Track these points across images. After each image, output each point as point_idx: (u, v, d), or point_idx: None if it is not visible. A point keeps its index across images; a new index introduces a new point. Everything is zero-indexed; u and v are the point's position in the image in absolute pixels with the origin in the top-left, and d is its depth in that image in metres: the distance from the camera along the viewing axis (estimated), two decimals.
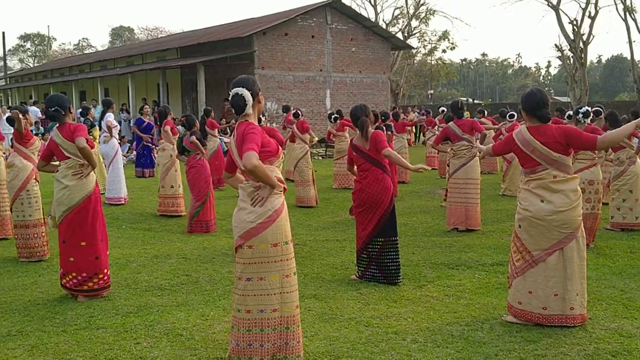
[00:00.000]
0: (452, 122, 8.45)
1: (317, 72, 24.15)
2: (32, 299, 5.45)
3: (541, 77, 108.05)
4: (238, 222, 3.82)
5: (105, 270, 5.42)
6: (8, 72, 44.52)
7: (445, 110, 15.36)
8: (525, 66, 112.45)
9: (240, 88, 3.81)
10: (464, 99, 64.92)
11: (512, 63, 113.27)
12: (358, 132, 6.03)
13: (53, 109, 5.36)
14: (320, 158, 20.67)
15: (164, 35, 56.66)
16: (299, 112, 11.66)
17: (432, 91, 61.15)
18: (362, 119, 5.91)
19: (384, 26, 35.93)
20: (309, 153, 10.84)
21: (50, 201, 6.02)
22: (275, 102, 22.42)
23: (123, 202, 10.86)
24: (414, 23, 42.10)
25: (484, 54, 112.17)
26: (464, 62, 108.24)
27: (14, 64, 78.19)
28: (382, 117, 12.04)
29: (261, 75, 22.54)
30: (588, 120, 7.34)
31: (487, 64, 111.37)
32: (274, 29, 22.75)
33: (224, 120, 18.72)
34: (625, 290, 5.52)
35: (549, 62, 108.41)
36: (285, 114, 14.30)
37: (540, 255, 4.55)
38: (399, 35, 38.60)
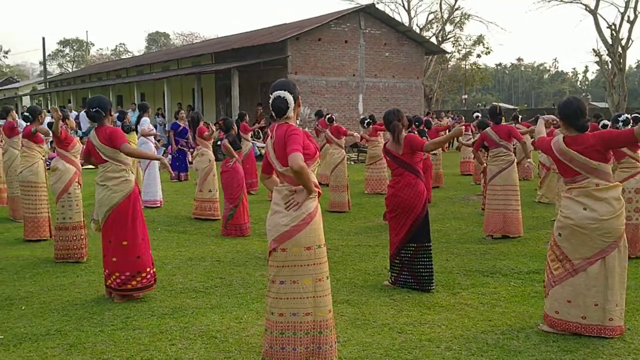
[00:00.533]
0: (489, 127, 8.35)
1: (349, 77, 24.15)
2: (70, 299, 5.56)
3: (578, 83, 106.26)
4: (272, 225, 3.84)
5: (148, 269, 5.48)
6: (48, 77, 45.60)
7: (480, 115, 15.18)
8: (561, 71, 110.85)
9: (282, 91, 3.84)
10: (504, 105, 64.32)
11: (548, 68, 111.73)
12: (390, 136, 6.01)
13: (94, 109, 5.47)
14: (352, 163, 20.64)
15: (199, 40, 57.41)
16: (333, 117, 11.67)
17: (466, 96, 60.61)
18: (394, 124, 5.89)
19: (417, 31, 35.75)
20: (345, 158, 10.85)
21: (91, 204, 6.16)
22: (308, 106, 22.46)
23: (159, 205, 11.02)
24: (448, 27, 41.91)
25: (519, 59, 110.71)
26: (498, 67, 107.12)
27: (53, 68, 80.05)
28: (416, 123, 11.96)
29: (294, 80, 22.60)
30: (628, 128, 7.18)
31: (522, 69, 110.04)
32: (308, 34, 22.84)
33: (257, 124, 18.85)
34: None
35: (586, 67, 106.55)
36: (318, 118, 14.33)
37: (582, 264, 4.47)
38: (433, 39, 38.41)
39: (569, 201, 4.55)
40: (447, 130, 17.72)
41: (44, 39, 39.39)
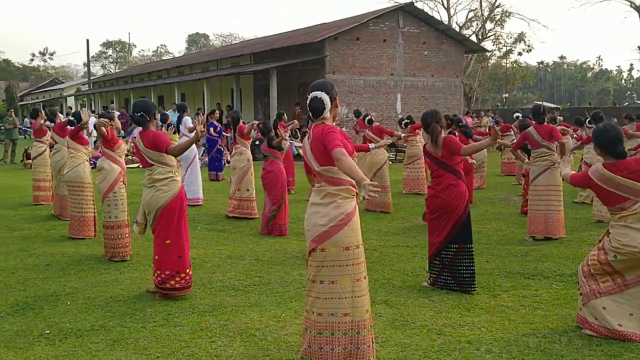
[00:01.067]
0: (531, 127, 8.19)
1: (388, 76, 24.04)
2: (113, 295, 5.69)
3: (623, 81, 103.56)
4: (310, 225, 3.86)
5: (187, 270, 5.56)
6: (91, 78, 46.69)
7: (520, 116, 14.92)
8: (605, 69, 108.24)
9: (319, 92, 3.86)
10: (547, 104, 63.13)
11: (592, 66, 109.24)
12: (429, 138, 5.97)
13: (139, 113, 5.57)
14: (390, 162, 20.54)
15: (238, 41, 57.94)
16: (372, 118, 11.64)
17: (506, 95, 59.66)
18: (432, 126, 5.83)
19: (457, 29, 35.35)
20: (387, 158, 10.82)
21: (134, 202, 6.26)
22: (346, 106, 22.46)
23: (200, 204, 11.17)
24: (489, 25, 41.35)
25: (562, 57, 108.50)
26: (540, 65, 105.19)
27: (96, 70, 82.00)
28: (459, 124, 11.81)
29: (332, 79, 22.62)
30: None
31: (565, 67, 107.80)
32: (346, 34, 22.83)
33: (291, 124, 18.92)
34: None
35: (631, 65, 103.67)
36: (356, 118, 14.27)
37: (635, 280, 4.38)
38: (473, 38, 37.92)
39: (625, 229, 4.37)
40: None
41: (87, 41, 40.35)
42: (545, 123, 8.35)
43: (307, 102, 3.92)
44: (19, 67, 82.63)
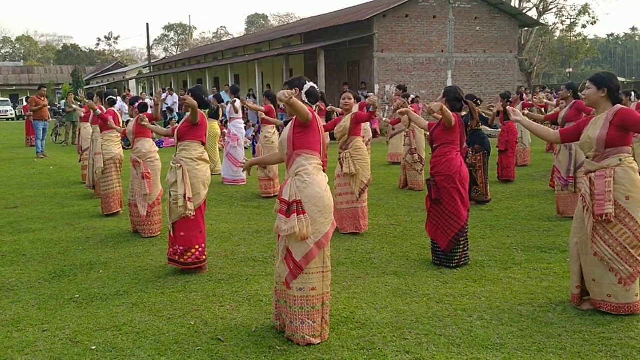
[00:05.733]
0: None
1: (438, 53, 23.81)
2: (142, 265, 6.14)
3: None
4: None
5: (203, 245, 5.83)
6: (152, 61, 48.10)
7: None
8: None
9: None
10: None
11: None
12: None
13: (206, 97, 6.10)
14: None
15: (294, 21, 58.23)
16: (415, 97, 11.71)
17: (570, 69, 57.66)
18: (470, 104, 6.00)
19: (516, 3, 34.43)
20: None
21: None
22: (394, 84, 22.40)
23: (242, 183, 11.52)
24: None
25: (633, 28, 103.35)
26: (610, 38, 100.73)
27: (159, 52, 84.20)
28: (508, 100, 11.75)
29: (380, 58, 22.66)
30: None
31: (637, 39, 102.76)
32: (395, 11, 22.72)
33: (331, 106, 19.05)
34: None
35: None
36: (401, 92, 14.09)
37: None
38: (534, 11, 36.85)
39: None
40: (543, 109, 17.26)
41: (147, 25, 41.51)
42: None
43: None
44: (85, 52, 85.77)
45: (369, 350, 3.94)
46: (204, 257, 5.78)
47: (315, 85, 4.31)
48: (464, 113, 6.31)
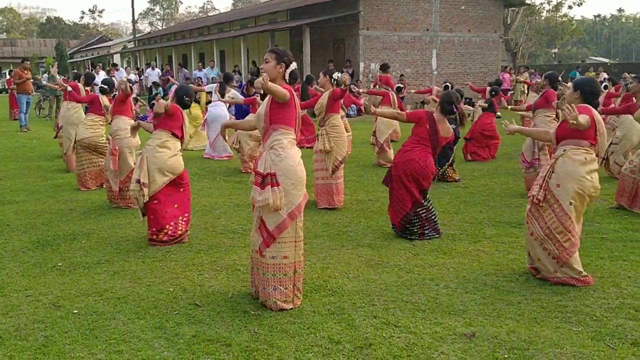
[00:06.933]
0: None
1: (423, 31, 23.87)
2: (124, 235, 6.30)
3: None
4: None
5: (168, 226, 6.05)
6: (137, 35, 47.63)
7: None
8: None
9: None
10: (600, 59, 60.93)
11: None
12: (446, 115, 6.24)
13: (187, 98, 6.21)
14: None
15: None
16: (401, 86, 11.88)
17: (556, 50, 57.99)
18: (459, 109, 6.18)
19: None
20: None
21: None
22: (379, 62, 22.48)
23: (227, 158, 11.64)
24: None
25: (620, 10, 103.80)
26: (597, 19, 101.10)
27: (144, 27, 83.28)
28: (492, 92, 12.01)
29: (365, 35, 22.69)
30: None
31: (623, 20, 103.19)
32: None
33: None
34: None
35: None
36: (382, 72, 14.09)
37: None
38: None
39: None
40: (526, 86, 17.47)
41: None
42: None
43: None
44: (69, 25, 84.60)
45: (339, 315, 4.15)
46: (179, 232, 5.97)
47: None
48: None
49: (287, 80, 4.31)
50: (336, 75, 7.67)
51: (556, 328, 3.90)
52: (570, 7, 44.28)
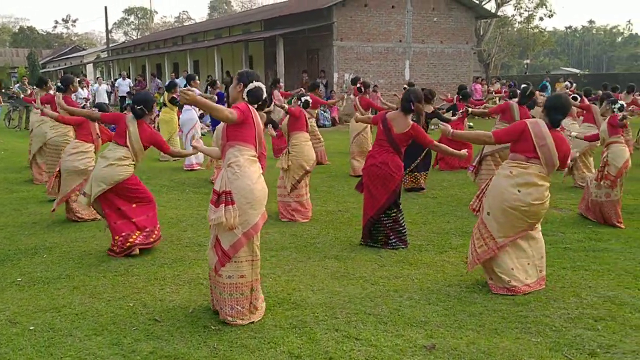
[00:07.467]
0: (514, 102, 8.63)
1: (396, 42, 24.05)
2: (87, 249, 6.19)
3: None
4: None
5: (157, 225, 6.13)
6: (112, 45, 47.22)
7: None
8: (636, 34, 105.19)
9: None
10: (570, 70, 61.97)
11: (621, 30, 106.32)
12: (399, 110, 6.23)
13: (139, 107, 6.00)
14: None
15: (257, 7, 57.88)
16: (363, 87, 11.96)
17: (528, 61, 58.82)
18: (417, 106, 6.10)
19: None
20: (368, 127, 11.08)
21: None
22: (353, 73, 22.57)
23: (196, 168, 11.57)
24: None
25: (590, 21, 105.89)
26: (568, 30, 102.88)
27: (119, 37, 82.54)
28: (460, 96, 12.14)
29: (339, 46, 22.79)
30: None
31: (594, 32, 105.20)
32: (354, 0, 22.83)
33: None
34: None
35: None
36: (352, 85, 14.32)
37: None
38: (492, 3, 37.46)
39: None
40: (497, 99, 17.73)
41: (105, 8, 40.73)
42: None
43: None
44: (42, 35, 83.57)
45: (300, 328, 4.12)
46: (128, 244, 5.89)
47: (261, 87, 4.31)
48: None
49: (247, 99, 4.28)
50: (303, 98, 8.02)
51: (516, 339, 3.92)
52: (541, 19, 45.08)
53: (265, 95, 4.31)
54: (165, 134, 12.76)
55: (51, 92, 9.83)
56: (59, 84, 8.62)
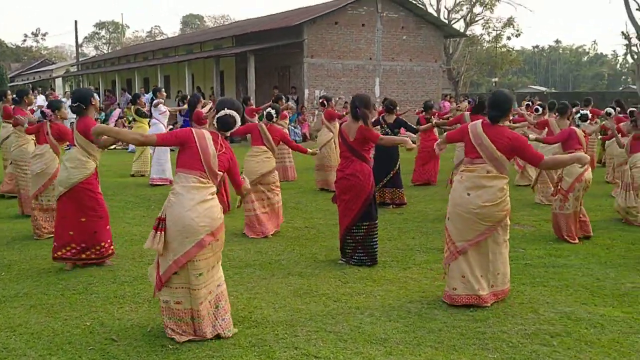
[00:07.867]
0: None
1: (366, 60, 24.30)
2: (46, 267, 6.08)
3: (618, 65, 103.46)
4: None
5: (102, 243, 5.97)
6: (82, 59, 46.76)
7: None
8: (601, 53, 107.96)
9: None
10: (538, 88, 63.25)
11: (587, 50, 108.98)
12: (350, 120, 6.31)
13: (75, 104, 5.88)
14: None
15: (228, 23, 57.95)
16: (325, 101, 12.01)
17: (496, 79, 59.87)
18: (362, 111, 6.07)
19: (445, 13, 35.52)
20: (332, 140, 11.14)
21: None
22: (324, 90, 22.72)
23: (167, 184, 11.45)
24: (478, 9, 41.41)
25: (557, 41, 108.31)
26: (535, 50, 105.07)
27: (89, 51, 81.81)
28: (423, 111, 12.32)
29: (310, 63, 22.94)
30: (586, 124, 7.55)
31: (560, 51, 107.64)
32: (324, 18, 23.05)
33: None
34: (600, 279, 5.62)
35: (626, 49, 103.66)
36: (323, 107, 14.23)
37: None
38: (461, 22, 38.13)
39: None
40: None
41: (76, 22, 40.49)
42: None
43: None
44: (11, 48, 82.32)
45: (260, 347, 4.10)
46: (58, 254, 5.94)
47: (232, 115, 4.29)
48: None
49: (216, 126, 4.30)
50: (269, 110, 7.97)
51: (473, 355, 3.95)
52: (509, 38, 45.85)
53: (236, 124, 4.32)
54: (138, 148, 12.69)
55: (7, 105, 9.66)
56: (14, 97, 8.51)
